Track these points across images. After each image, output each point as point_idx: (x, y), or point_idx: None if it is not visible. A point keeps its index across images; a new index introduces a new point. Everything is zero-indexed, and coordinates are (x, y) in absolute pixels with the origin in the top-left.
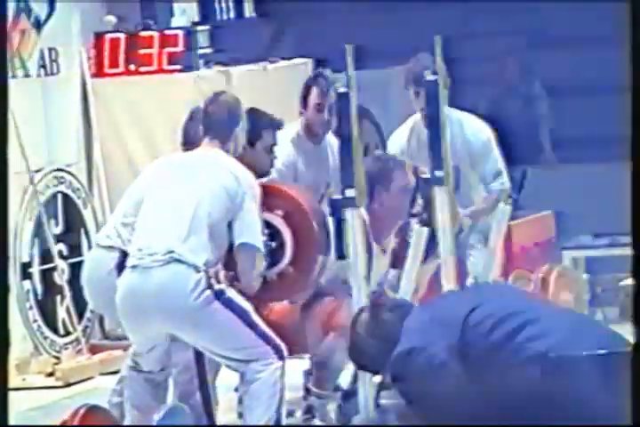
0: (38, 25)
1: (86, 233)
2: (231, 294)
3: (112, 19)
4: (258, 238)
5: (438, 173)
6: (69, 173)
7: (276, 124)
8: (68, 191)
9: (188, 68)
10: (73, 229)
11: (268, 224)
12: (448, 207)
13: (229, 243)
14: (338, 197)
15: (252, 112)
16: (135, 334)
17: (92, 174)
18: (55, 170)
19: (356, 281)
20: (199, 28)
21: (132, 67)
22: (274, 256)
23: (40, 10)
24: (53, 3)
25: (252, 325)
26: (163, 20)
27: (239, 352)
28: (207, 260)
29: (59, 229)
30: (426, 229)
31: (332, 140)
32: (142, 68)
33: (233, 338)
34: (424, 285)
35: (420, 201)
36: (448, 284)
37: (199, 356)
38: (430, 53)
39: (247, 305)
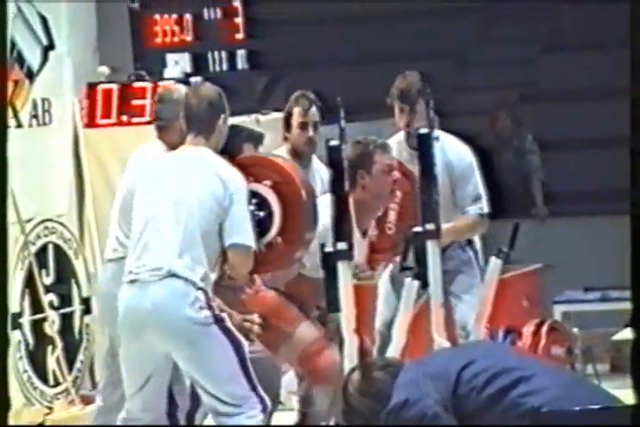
0: (31, 75)
1: (77, 284)
2: (229, 324)
3: (105, 70)
4: (249, 237)
5: (430, 227)
6: (61, 223)
7: (257, 137)
8: (60, 242)
9: None
10: (64, 279)
11: (255, 194)
12: (440, 260)
13: (221, 244)
14: (330, 249)
15: (232, 127)
16: (131, 359)
17: (83, 225)
18: (46, 220)
19: (348, 333)
20: (192, 79)
21: (125, 118)
22: (262, 226)
23: (33, 60)
24: (46, 53)
25: (244, 366)
26: (156, 72)
27: (229, 391)
28: (204, 274)
29: (49, 280)
30: (417, 283)
31: (319, 166)
32: (135, 119)
33: (226, 373)
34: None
35: (411, 254)
36: (439, 335)
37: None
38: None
39: (243, 341)
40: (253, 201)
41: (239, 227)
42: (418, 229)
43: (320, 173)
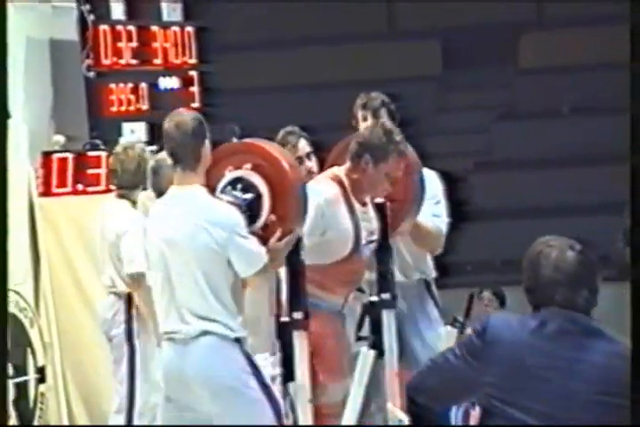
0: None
1: (32, 352)
2: (267, 381)
3: (60, 138)
4: (260, 257)
5: (385, 296)
6: (16, 292)
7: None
8: (15, 311)
9: None
10: (18, 348)
11: (240, 179)
12: (395, 329)
13: (237, 276)
14: (375, 298)
15: None
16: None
17: (39, 294)
18: None
19: (302, 405)
20: (148, 148)
21: (80, 186)
22: (253, 210)
23: None
24: (3, 122)
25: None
26: (111, 140)
27: None
28: (236, 320)
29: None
30: (373, 352)
31: None
32: (90, 188)
33: None
34: None
35: (367, 324)
36: (393, 401)
37: None
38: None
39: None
40: (238, 186)
41: (248, 257)
42: (373, 298)
43: None
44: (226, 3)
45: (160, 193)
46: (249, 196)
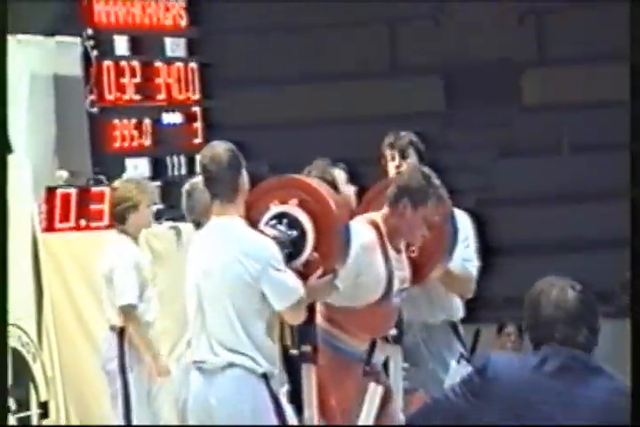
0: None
1: (35, 388)
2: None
3: (64, 173)
4: (297, 291)
5: (393, 332)
6: (19, 327)
7: None
8: (17, 345)
9: None
10: (21, 383)
11: (285, 214)
12: (401, 366)
13: (271, 310)
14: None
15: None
16: None
17: (41, 329)
18: None
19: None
20: (151, 184)
21: (83, 222)
22: (296, 246)
23: None
24: (4, 157)
25: None
26: (114, 176)
27: None
28: (269, 357)
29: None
30: (381, 388)
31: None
32: (93, 224)
33: None
34: None
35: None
36: None
37: None
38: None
39: None
40: (284, 221)
41: (282, 289)
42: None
43: None
44: (230, 38)
45: (193, 217)
46: (293, 232)
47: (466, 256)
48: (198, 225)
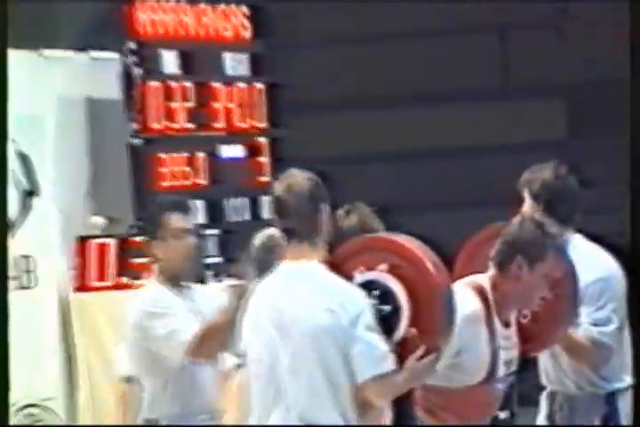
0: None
1: None
2: None
3: (99, 220)
4: (386, 361)
5: (502, 415)
6: (47, 408)
7: (183, 206)
8: None
9: None
10: None
11: (373, 284)
12: None
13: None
14: None
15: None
16: None
17: (76, 405)
18: (30, 406)
19: None
20: (207, 231)
21: (125, 279)
22: (388, 323)
23: (11, 207)
24: (28, 199)
25: None
26: None
27: None
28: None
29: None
30: None
31: None
32: (136, 282)
33: None
34: None
35: None
36: None
37: None
38: None
39: None
40: (374, 293)
41: (374, 351)
42: None
43: None
44: (304, 53)
45: None
46: (386, 306)
47: (596, 319)
48: None
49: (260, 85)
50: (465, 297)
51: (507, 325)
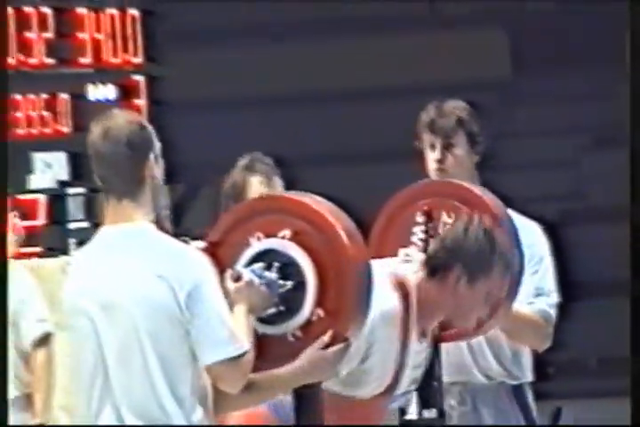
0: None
1: None
2: None
3: None
4: (235, 342)
5: (428, 414)
6: None
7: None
8: None
9: None
10: None
11: (273, 253)
12: None
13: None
14: (413, 416)
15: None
16: None
17: None
18: None
19: None
20: (69, 190)
21: None
22: (291, 299)
23: None
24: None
25: None
26: (16, 179)
27: None
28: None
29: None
30: None
31: None
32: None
33: None
34: None
35: None
36: None
37: None
38: None
39: None
40: (273, 265)
41: (216, 333)
42: (411, 416)
43: None
44: None
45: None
46: (287, 282)
47: (538, 287)
48: None
49: (134, 12)
50: (383, 290)
51: (424, 335)
